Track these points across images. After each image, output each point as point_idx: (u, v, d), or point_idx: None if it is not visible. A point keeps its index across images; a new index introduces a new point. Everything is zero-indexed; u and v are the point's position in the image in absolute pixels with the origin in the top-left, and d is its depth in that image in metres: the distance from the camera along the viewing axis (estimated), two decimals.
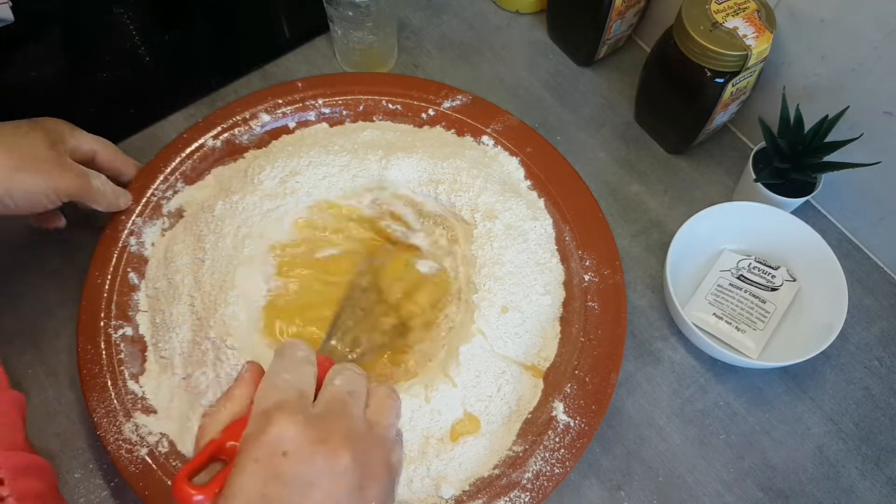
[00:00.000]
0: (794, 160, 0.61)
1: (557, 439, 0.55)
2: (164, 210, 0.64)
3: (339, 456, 0.37)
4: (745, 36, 0.59)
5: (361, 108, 0.70)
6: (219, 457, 0.38)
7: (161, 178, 0.65)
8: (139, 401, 0.56)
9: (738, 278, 0.64)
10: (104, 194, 0.59)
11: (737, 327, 0.62)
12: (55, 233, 0.61)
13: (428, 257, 0.62)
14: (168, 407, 0.56)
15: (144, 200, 0.64)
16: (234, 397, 0.40)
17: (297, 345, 0.41)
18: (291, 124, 0.70)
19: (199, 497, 0.36)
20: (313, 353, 0.42)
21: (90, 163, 0.60)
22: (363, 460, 0.38)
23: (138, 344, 0.59)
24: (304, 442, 0.36)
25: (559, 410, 0.56)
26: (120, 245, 0.62)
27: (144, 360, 0.58)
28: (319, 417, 0.38)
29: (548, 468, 0.54)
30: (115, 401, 0.56)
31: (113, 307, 0.60)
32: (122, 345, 0.58)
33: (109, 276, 0.61)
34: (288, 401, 0.38)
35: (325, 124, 0.70)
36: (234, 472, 0.36)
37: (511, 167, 0.67)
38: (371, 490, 0.37)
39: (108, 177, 0.60)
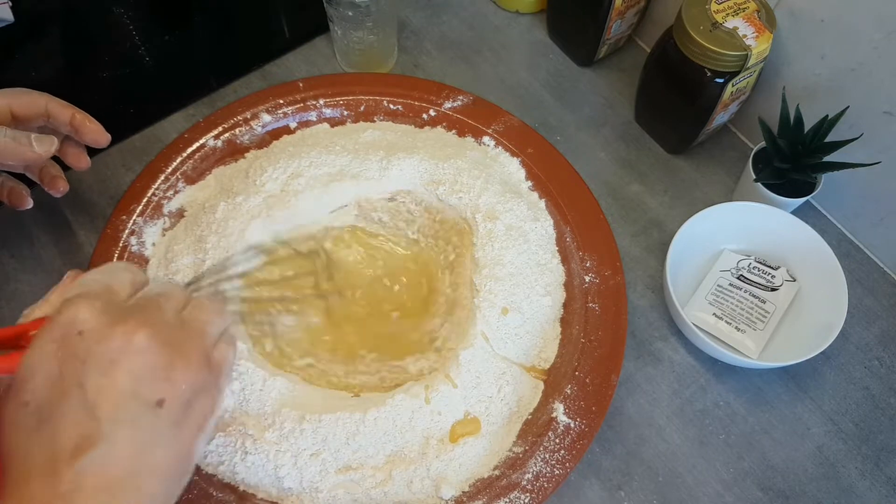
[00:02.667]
0: (794, 160, 0.61)
1: (557, 440, 0.55)
2: (165, 210, 0.65)
3: (137, 334, 0.36)
4: (745, 36, 0.59)
5: (362, 108, 0.70)
6: (19, 344, 0.37)
7: (162, 177, 0.65)
8: None
9: (738, 278, 0.64)
10: (4, 146, 0.54)
11: (737, 327, 0.62)
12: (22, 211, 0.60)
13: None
14: None
15: (145, 200, 0.64)
16: (48, 301, 0.40)
17: (123, 263, 0.41)
18: (292, 124, 0.70)
19: None
20: (140, 271, 0.41)
21: (10, 121, 0.56)
22: (169, 343, 0.37)
23: None
24: (100, 323, 0.36)
25: (559, 411, 0.56)
26: (120, 245, 0.62)
27: None
28: (122, 308, 0.38)
29: (548, 469, 0.54)
30: None
31: None
32: None
33: None
34: (91, 291, 0.38)
35: (326, 125, 0.70)
36: (29, 351, 0.36)
37: (512, 168, 0.67)
38: (179, 373, 0.37)
39: (73, 136, 0.58)
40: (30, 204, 0.60)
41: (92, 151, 0.70)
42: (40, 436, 0.34)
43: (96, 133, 0.58)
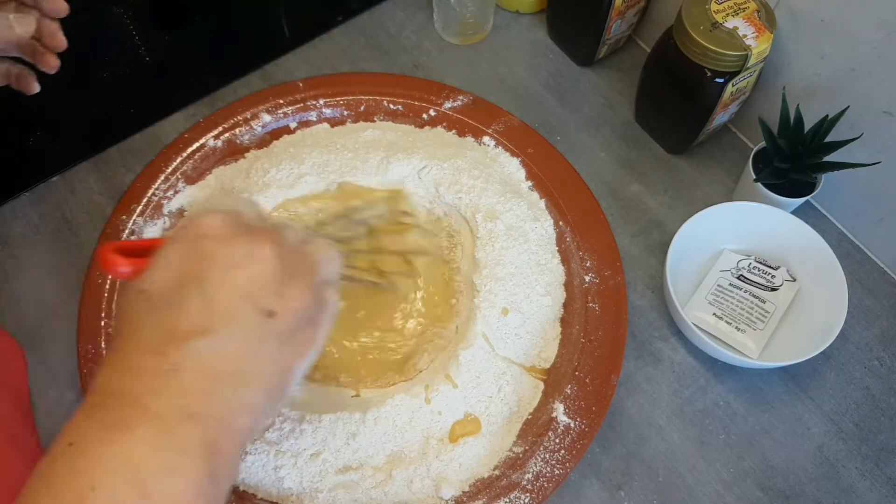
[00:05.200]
0: (794, 160, 0.61)
1: (558, 440, 0.55)
2: (165, 210, 0.65)
3: (262, 246, 0.38)
4: (745, 36, 0.59)
5: (363, 108, 0.70)
6: (150, 254, 0.38)
7: (162, 177, 0.65)
8: None
9: (738, 278, 0.64)
10: None
11: (737, 327, 0.62)
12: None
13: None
14: None
15: (145, 200, 0.64)
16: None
17: (248, 197, 0.42)
18: (293, 124, 0.70)
19: (126, 268, 0.38)
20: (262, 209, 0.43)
21: None
22: (288, 262, 0.38)
23: None
24: (228, 231, 0.38)
25: (559, 411, 0.56)
26: None
27: None
28: (248, 225, 0.39)
29: (548, 469, 0.54)
30: None
31: (113, 307, 0.60)
32: None
33: (110, 276, 0.61)
34: (220, 208, 0.39)
35: (326, 125, 0.70)
36: (159, 251, 0.37)
37: (512, 168, 0.67)
38: (293, 293, 0.38)
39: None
40: (37, 88, 0.59)
41: (92, 151, 0.70)
42: (154, 317, 0.35)
43: (56, 1, 0.57)
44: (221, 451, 0.34)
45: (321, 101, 0.70)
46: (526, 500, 0.53)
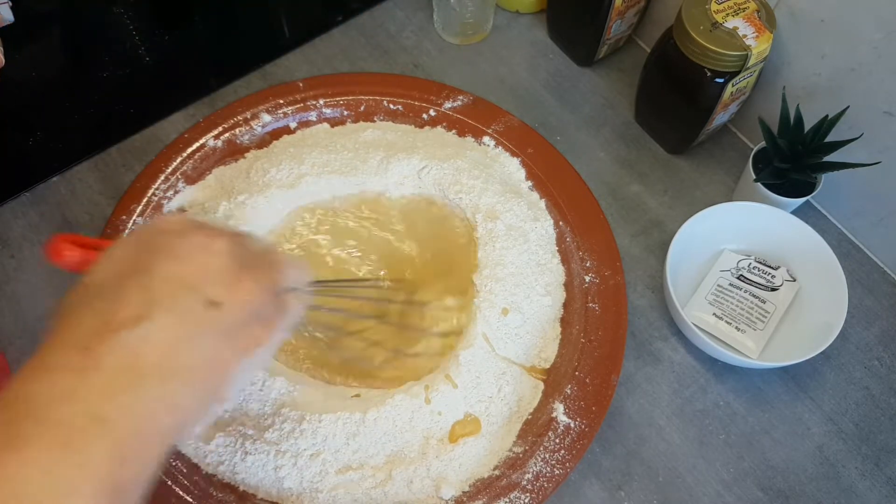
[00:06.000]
0: (794, 160, 0.61)
1: (558, 440, 0.55)
2: (165, 210, 0.64)
3: (217, 240, 0.37)
4: (745, 36, 0.59)
5: (363, 108, 0.70)
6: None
7: (162, 177, 0.65)
8: None
9: (738, 278, 0.64)
10: None
11: (737, 327, 0.62)
12: None
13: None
14: None
15: (145, 200, 0.64)
16: None
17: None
18: (293, 124, 0.70)
19: (73, 257, 0.37)
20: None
21: None
22: (244, 262, 0.37)
23: None
24: (185, 226, 0.37)
25: (559, 411, 0.56)
26: None
27: None
28: (211, 225, 0.38)
29: (548, 469, 0.54)
30: None
31: None
32: None
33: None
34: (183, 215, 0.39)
35: (326, 125, 0.70)
36: (111, 245, 0.37)
37: (512, 168, 0.67)
38: (244, 286, 0.36)
39: None
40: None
41: (92, 151, 0.70)
42: (88, 310, 0.34)
43: None
44: (133, 458, 0.32)
45: (321, 101, 0.70)
46: (526, 500, 0.53)
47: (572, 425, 0.56)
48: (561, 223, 0.65)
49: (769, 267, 0.64)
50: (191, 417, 0.35)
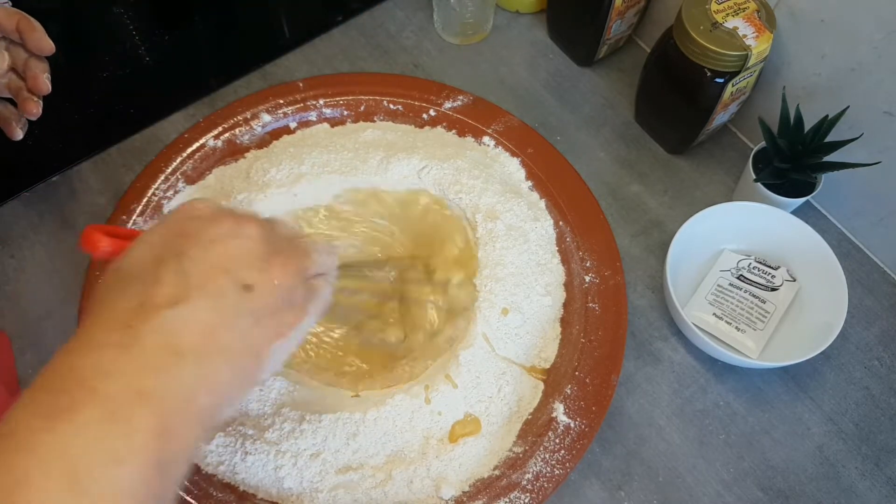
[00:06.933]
0: (794, 160, 0.61)
1: (558, 440, 0.55)
2: (165, 209, 0.65)
3: (248, 224, 0.37)
4: (745, 36, 0.59)
5: (362, 108, 0.70)
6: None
7: (162, 177, 0.65)
8: None
9: (738, 278, 0.64)
10: None
11: (737, 327, 0.62)
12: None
13: None
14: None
15: (145, 200, 0.64)
16: None
17: None
18: (292, 124, 0.70)
19: (107, 247, 0.37)
20: None
21: None
22: (274, 246, 0.38)
23: None
24: (215, 211, 0.38)
25: (559, 411, 0.56)
26: None
27: None
28: (239, 210, 0.39)
29: (548, 469, 0.54)
30: None
31: None
32: None
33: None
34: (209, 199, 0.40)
35: (326, 125, 0.70)
36: (142, 233, 0.37)
37: (512, 168, 0.67)
38: (276, 270, 0.37)
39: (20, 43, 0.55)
40: (19, 136, 0.58)
41: (92, 151, 0.70)
42: (126, 292, 0.34)
43: (39, 39, 0.55)
44: (175, 434, 0.32)
45: (321, 101, 0.70)
46: (526, 500, 0.53)
47: (572, 425, 0.56)
48: (561, 223, 0.65)
49: (769, 267, 0.64)
50: (228, 397, 0.36)
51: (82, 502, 0.29)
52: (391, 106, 0.70)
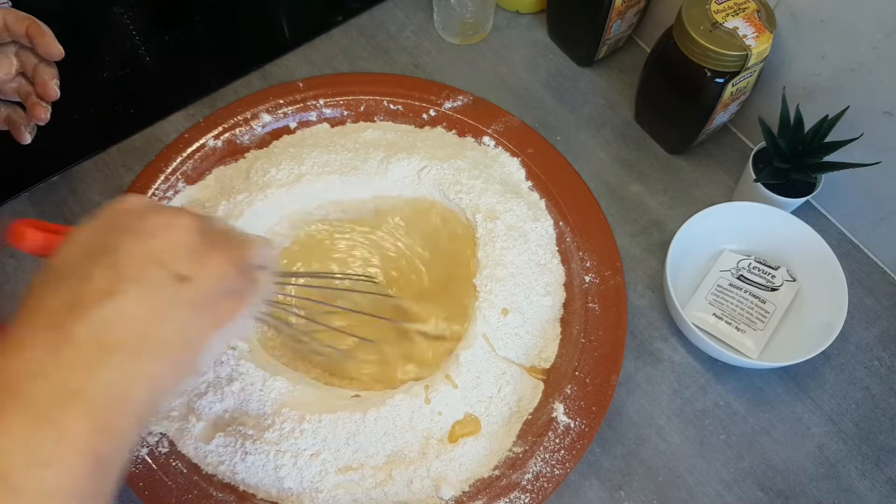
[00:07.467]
0: (794, 160, 0.61)
1: (558, 440, 0.55)
2: None
3: (181, 216, 0.37)
4: (745, 36, 0.59)
5: (363, 108, 0.70)
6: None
7: (162, 177, 0.65)
8: None
9: (738, 278, 0.64)
10: None
11: (737, 327, 0.62)
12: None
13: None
14: (167, 407, 0.56)
15: None
16: None
17: None
18: (293, 124, 0.70)
19: (35, 241, 0.38)
20: None
21: None
22: (211, 238, 0.37)
23: None
24: (147, 205, 0.37)
25: (559, 412, 0.56)
26: None
27: None
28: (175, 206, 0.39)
29: (548, 469, 0.54)
30: None
31: None
32: None
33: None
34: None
35: (326, 125, 0.70)
36: (74, 228, 0.36)
37: (512, 168, 0.67)
38: (212, 261, 0.37)
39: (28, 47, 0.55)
40: (27, 140, 0.58)
41: (92, 151, 0.70)
42: (58, 290, 0.34)
43: (49, 44, 0.55)
44: (111, 430, 0.32)
45: (321, 101, 0.70)
46: (526, 500, 0.53)
47: (572, 425, 0.56)
48: (561, 223, 0.65)
49: (769, 267, 0.64)
50: (165, 389, 0.36)
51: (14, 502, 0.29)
52: (391, 106, 0.70)
